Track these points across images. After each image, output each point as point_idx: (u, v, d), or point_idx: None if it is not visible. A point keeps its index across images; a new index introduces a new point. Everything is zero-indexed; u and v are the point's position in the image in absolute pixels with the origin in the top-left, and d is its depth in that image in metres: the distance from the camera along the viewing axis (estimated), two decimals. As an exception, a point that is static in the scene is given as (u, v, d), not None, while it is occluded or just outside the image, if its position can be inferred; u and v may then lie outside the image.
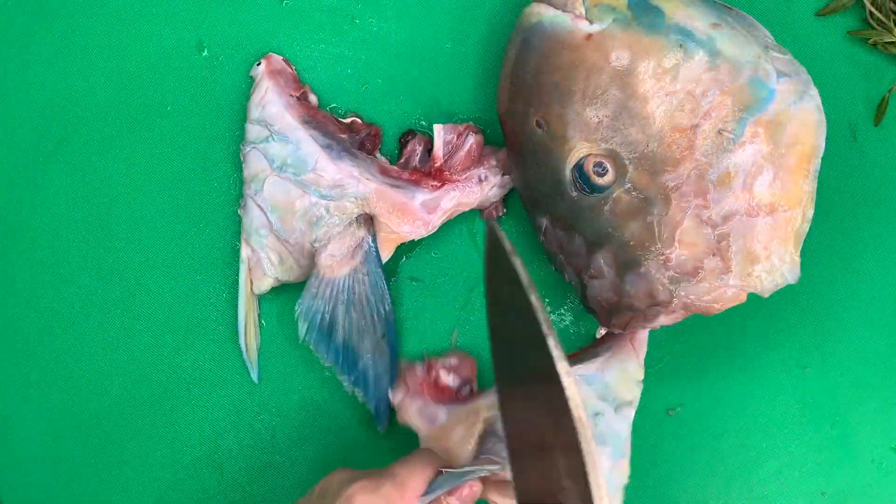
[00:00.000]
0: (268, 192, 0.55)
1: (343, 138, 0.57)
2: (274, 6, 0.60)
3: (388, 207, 0.55)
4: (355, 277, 0.56)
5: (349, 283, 0.56)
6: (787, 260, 0.51)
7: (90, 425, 0.61)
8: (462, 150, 0.56)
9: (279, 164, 0.55)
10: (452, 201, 0.56)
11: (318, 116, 0.57)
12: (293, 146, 0.55)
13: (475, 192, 0.56)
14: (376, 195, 0.55)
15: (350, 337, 0.57)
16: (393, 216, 0.55)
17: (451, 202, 0.56)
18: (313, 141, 0.55)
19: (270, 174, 0.55)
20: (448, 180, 0.56)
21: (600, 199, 0.51)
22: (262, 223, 0.56)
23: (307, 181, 0.55)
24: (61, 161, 0.60)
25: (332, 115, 0.59)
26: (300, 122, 0.56)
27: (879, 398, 0.60)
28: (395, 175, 0.56)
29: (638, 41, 0.49)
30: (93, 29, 0.60)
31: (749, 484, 0.60)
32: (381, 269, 0.56)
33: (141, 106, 0.60)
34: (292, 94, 0.57)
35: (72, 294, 0.61)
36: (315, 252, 0.56)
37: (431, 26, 0.60)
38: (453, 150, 0.57)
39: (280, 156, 0.55)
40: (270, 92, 0.56)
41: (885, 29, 0.57)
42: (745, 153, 0.50)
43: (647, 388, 0.60)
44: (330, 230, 0.55)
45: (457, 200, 0.56)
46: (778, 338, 0.60)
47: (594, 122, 0.50)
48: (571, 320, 0.60)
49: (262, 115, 0.56)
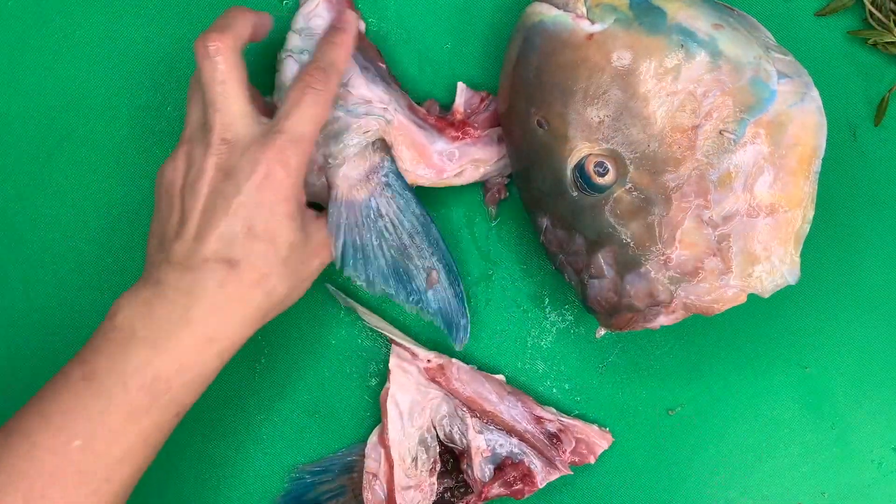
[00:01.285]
0: None
1: (382, 67, 0.57)
2: (274, 6, 0.60)
3: (407, 142, 0.55)
4: (379, 202, 0.55)
5: (374, 206, 0.55)
6: (787, 260, 0.51)
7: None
8: (483, 112, 0.57)
9: None
10: (469, 156, 0.56)
11: (363, 41, 0.57)
12: None
13: (492, 150, 0.56)
14: (400, 127, 0.55)
15: (394, 259, 0.56)
16: (410, 153, 0.55)
17: (468, 157, 0.56)
18: (352, 59, 0.55)
19: None
20: (469, 134, 0.56)
21: (601, 199, 0.51)
22: None
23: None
24: (61, 161, 0.60)
25: (376, 47, 0.58)
26: None
27: (879, 398, 0.60)
28: (422, 116, 0.56)
29: (639, 41, 0.49)
30: (93, 29, 0.60)
31: (749, 483, 0.60)
32: (409, 191, 0.56)
33: (141, 107, 0.60)
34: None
35: (72, 294, 0.61)
36: (328, 171, 0.55)
37: (431, 26, 0.60)
38: (474, 112, 0.57)
39: None
40: (322, 6, 0.56)
41: (885, 29, 0.57)
42: (746, 154, 0.50)
43: (647, 388, 0.60)
44: (345, 149, 0.54)
45: (473, 155, 0.56)
46: (778, 338, 0.60)
47: (595, 121, 0.50)
48: (572, 320, 0.60)
49: (307, 25, 0.55)
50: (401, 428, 0.57)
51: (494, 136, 0.57)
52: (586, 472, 0.60)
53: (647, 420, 0.60)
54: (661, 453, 0.60)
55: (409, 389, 0.57)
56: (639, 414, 0.60)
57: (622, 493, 0.60)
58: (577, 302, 0.60)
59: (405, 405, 0.57)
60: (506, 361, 0.60)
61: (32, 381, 0.61)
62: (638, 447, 0.60)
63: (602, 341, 0.60)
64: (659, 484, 0.60)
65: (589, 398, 0.60)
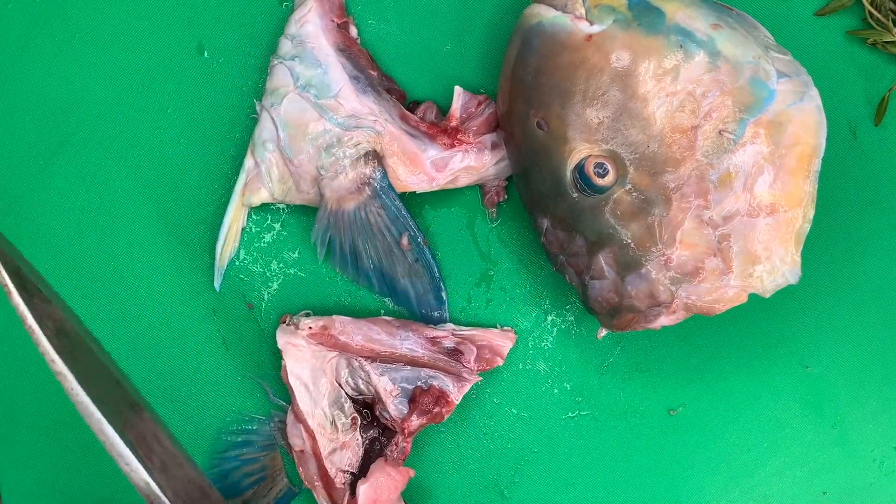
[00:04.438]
0: (285, 107, 0.55)
1: (372, 75, 0.57)
2: (274, 7, 0.60)
3: (398, 152, 0.56)
4: (368, 211, 0.56)
5: (362, 216, 0.56)
6: (787, 260, 0.51)
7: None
8: (480, 117, 0.57)
9: (303, 83, 0.55)
10: (462, 163, 0.56)
11: (354, 48, 0.57)
12: (321, 70, 0.55)
13: (486, 158, 0.57)
14: (390, 138, 0.55)
15: (380, 264, 0.58)
16: (401, 163, 0.56)
17: (461, 164, 0.56)
18: (342, 69, 0.55)
19: (292, 91, 0.55)
20: (462, 141, 0.56)
21: (601, 200, 0.51)
22: (271, 137, 0.56)
23: (326, 106, 0.55)
24: (62, 163, 0.60)
25: (368, 52, 0.59)
26: (334, 48, 0.56)
27: (881, 397, 0.60)
28: (413, 124, 0.57)
29: (638, 42, 0.49)
30: (93, 31, 0.60)
31: (751, 483, 0.60)
32: (399, 202, 0.56)
33: (141, 108, 0.60)
34: (333, 20, 0.57)
35: (71, 294, 0.61)
36: (320, 181, 0.56)
37: (431, 27, 0.60)
38: (470, 117, 0.57)
39: (305, 75, 0.55)
40: (313, 12, 0.56)
41: (885, 28, 0.57)
42: (746, 154, 0.50)
43: (648, 388, 0.60)
44: (338, 161, 0.55)
45: (466, 163, 0.56)
46: (779, 337, 0.60)
47: (595, 122, 0.50)
48: (573, 321, 0.60)
49: (299, 31, 0.56)
50: (310, 399, 0.57)
51: (489, 142, 0.57)
52: (587, 473, 0.60)
53: (648, 420, 0.60)
54: (663, 453, 0.60)
55: (305, 359, 0.57)
56: (640, 414, 0.60)
57: (623, 493, 0.60)
58: (577, 302, 0.60)
59: (306, 376, 0.57)
60: (506, 362, 0.60)
61: (32, 381, 0.61)
62: (639, 447, 0.60)
63: (603, 342, 0.60)
64: (660, 484, 0.60)
65: (590, 398, 0.60)
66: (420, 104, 0.58)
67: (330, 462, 0.57)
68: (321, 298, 0.60)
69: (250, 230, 0.60)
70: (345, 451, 0.58)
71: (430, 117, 0.58)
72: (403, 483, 0.57)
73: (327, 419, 0.58)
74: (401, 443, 0.57)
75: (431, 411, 0.57)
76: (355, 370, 0.57)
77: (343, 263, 0.58)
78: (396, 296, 0.59)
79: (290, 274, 0.60)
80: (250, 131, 0.59)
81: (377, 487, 0.57)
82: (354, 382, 0.58)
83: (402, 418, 0.57)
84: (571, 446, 0.60)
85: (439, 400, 0.57)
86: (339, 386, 0.58)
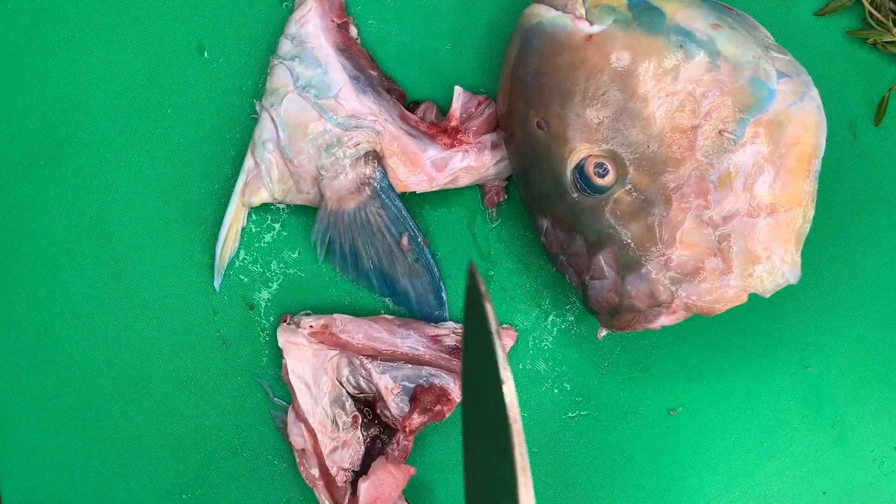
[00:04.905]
0: (285, 107, 0.56)
1: (372, 75, 0.57)
2: (274, 7, 0.60)
3: (398, 152, 0.56)
4: (368, 211, 0.56)
5: (362, 216, 0.56)
6: (787, 260, 0.51)
7: (91, 422, 0.61)
8: (480, 117, 0.57)
9: (303, 83, 0.55)
10: (462, 163, 0.56)
11: (354, 48, 0.57)
12: (321, 70, 0.55)
13: (486, 158, 0.57)
14: (390, 138, 0.55)
15: (380, 264, 0.58)
16: (401, 163, 0.56)
17: (461, 164, 0.56)
18: (342, 69, 0.55)
19: (292, 91, 0.55)
20: (462, 141, 0.56)
21: (601, 200, 0.51)
22: (271, 137, 0.56)
23: (326, 106, 0.55)
24: (62, 163, 0.60)
25: (368, 52, 0.59)
26: (334, 48, 0.56)
27: (881, 397, 0.60)
28: (413, 124, 0.57)
29: (638, 42, 0.49)
30: (93, 32, 0.60)
31: (750, 483, 0.60)
32: (399, 202, 0.56)
33: (141, 109, 0.60)
34: (334, 20, 0.57)
35: (71, 295, 0.61)
36: (320, 182, 0.56)
37: (431, 27, 0.60)
38: (470, 117, 0.57)
39: (305, 75, 0.55)
40: (313, 12, 0.56)
41: (885, 28, 0.57)
42: (746, 153, 0.50)
43: (648, 389, 0.60)
44: (338, 161, 0.55)
45: (466, 163, 0.56)
46: (779, 337, 0.60)
47: (595, 122, 0.50)
48: (573, 321, 0.60)
49: (299, 31, 0.56)
50: (311, 397, 0.57)
51: (488, 142, 0.57)
52: (587, 473, 0.60)
53: (648, 420, 0.60)
54: (663, 453, 0.60)
55: (306, 358, 0.57)
56: (640, 414, 0.60)
57: (623, 493, 0.60)
58: (578, 302, 0.60)
59: (307, 375, 0.57)
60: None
61: (33, 381, 0.61)
62: (639, 447, 0.60)
63: (603, 342, 0.60)
64: (660, 483, 0.60)
65: (590, 399, 0.60)
66: (420, 104, 0.58)
67: (331, 460, 0.57)
68: (321, 298, 0.60)
69: (250, 230, 0.60)
70: (346, 449, 0.58)
71: (430, 117, 0.58)
72: (405, 481, 0.57)
73: (328, 417, 0.58)
74: (402, 441, 0.57)
75: (433, 409, 0.57)
76: (356, 368, 0.57)
77: (343, 263, 0.58)
78: (396, 296, 0.59)
79: (290, 274, 0.60)
80: (250, 131, 0.59)
81: (378, 485, 0.57)
82: (355, 381, 0.58)
83: (404, 416, 0.57)
84: (571, 446, 0.60)
85: (441, 398, 0.57)
86: (340, 384, 0.58)
